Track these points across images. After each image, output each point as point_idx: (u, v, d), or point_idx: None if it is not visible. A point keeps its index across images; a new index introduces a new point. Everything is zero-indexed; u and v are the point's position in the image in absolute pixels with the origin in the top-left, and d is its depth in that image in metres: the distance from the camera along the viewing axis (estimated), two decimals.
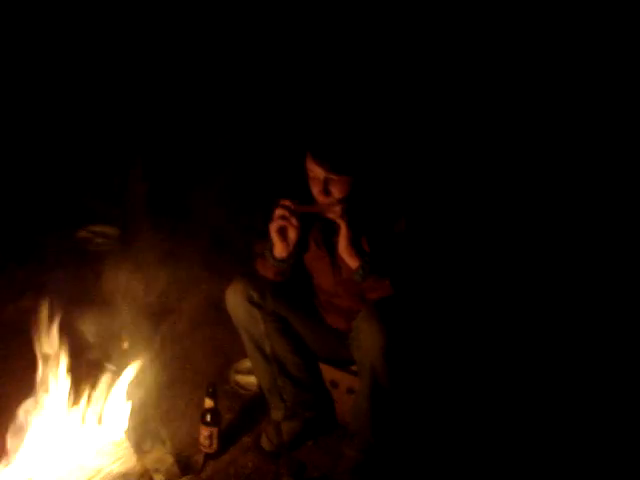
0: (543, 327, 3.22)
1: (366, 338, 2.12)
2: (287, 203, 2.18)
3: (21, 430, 2.00)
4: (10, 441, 1.98)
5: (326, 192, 2.15)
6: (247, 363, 2.74)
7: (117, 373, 2.50)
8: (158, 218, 4.03)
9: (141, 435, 2.33)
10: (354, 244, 2.16)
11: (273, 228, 2.22)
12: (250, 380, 2.75)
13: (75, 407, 2.13)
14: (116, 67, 4.27)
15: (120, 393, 2.30)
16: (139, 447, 2.23)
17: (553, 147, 4.06)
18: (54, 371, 2.10)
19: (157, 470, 2.16)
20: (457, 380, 2.77)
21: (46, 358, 2.09)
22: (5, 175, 4.04)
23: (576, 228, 3.81)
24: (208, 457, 2.34)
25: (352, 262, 2.18)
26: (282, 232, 2.22)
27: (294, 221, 2.18)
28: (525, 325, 3.21)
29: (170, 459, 2.25)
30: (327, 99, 4.11)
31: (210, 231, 4.00)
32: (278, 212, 2.18)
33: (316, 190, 2.17)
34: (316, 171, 2.13)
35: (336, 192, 2.15)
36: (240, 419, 2.58)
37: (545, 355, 3.04)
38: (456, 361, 2.84)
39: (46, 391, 2.07)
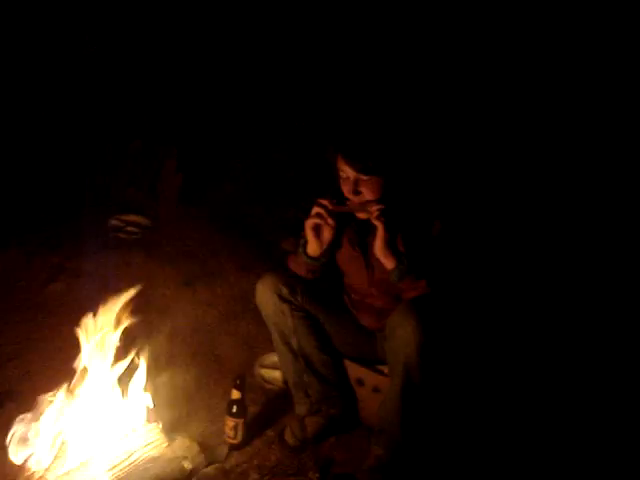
0: (561, 324, 3.21)
1: (402, 334, 2.12)
2: (325, 202, 2.20)
3: (54, 411, 2.05)
4: (45, 418, 2.03)
5: (356, 192, 2.17)
6: (272, 358, 2.77)
7: (148, 361, 2.57)
8: (190, 209, 4.09)
9: (169, 422, 2.37)
10: (390, 245, 2.18)
11: (309, 225, 2.24)
12: (275, 375, 2.77)
13: (109, 391, 2.17)
14: (153, 62, 4.32)
15: (152, 380, 2.34)
16: (167, 434, 2.26)
17: (574, 150, 4.05)
18: (89, 355, 2.14)
19: (185, 458, 2.19)
20: (484, 382, 2.77)
21: (85, 342, 2.13)
22: (42, 162, 4.12)
23: (595, 231, 3.79)
24: (232, 448, 2.37)
25: (388, 263, 2.19)
26: (317, 230, 2.25)
27: (330, 221, 2.21)
28: (552, 327, 3.20)
29: (196, 447, 2.28)
30: (357, 99, 4.13)
31: (241, 224, 4.06)
32: (315, 210, 2.21)
33: (346, 190, 2.20)
34: (347, 171, 2.16)
35: (366, 192, 2.17)
36: (264, 412, 2.60)
37: (565, 353, 3.04)
38: (484, 362, 2.84)
39: (82, 374, 2.11)
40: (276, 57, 4.43)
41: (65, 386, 2.07)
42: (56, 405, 2.01)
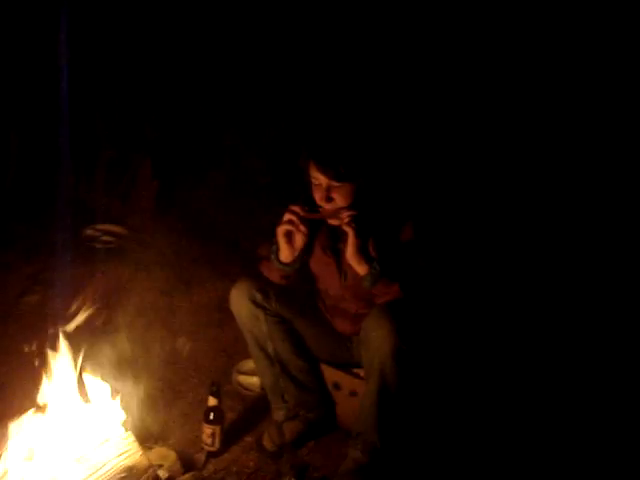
0: (547, 329, 3.24)
1: (376, 338, 2.14)
2: (296, 209, 2.21)
3: (26, 422, 2.03)
4: (15, 431, 2.01)
5: (329, 199, 2.19)
6: (250, 364, 2.77)
7: (121, 369, 2.56)
8: (165, 217, 4.08)
9: (145, 431, 2.37)
10: (362, 250, 2.19)
11: (280, 232, 2.25)
12: (252, 381, 2.78)
13: (81, 400, 2.16)
14: (127, 67, 4.30)
15: (125, 388, 2.34)
16: (143, 442, 2.25)
17: (555, 151, 4.08)
18: (61, 366, 2.13)
19: (161, 466, 2.19)
20: (461, 383, 2.79)
21: (53, 353, 2.12)
22: (15, 172, 4.08)
23: (582, 234, 3.83)
24: (210, 455, 2.37)
25: (360, 268, 2.20)
26: (289, 237, 2.26)
27: (302, 227, 2.22)
28: (530, 327, 3.23)
29: (173, 455, 2.28)
30: (329, 105, 4.14)
31: (217, 231, 4.06)
32: (286, 217, 2.22)
33: (318, 197, 2.21)
34: (319, 178, 2.17)
35: (339, 199, 2.19)
36: (242, 419, 2.60)
37: (549, 357, 3.06)
38: (461, 364, 2.86)
39: (52, 385, 2.10)
40: (249, 64, 4.43)
41: (35, 397, 2.05)
42: (25, 422, 1.99)
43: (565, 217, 3.93)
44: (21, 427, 2.00)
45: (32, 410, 2.03)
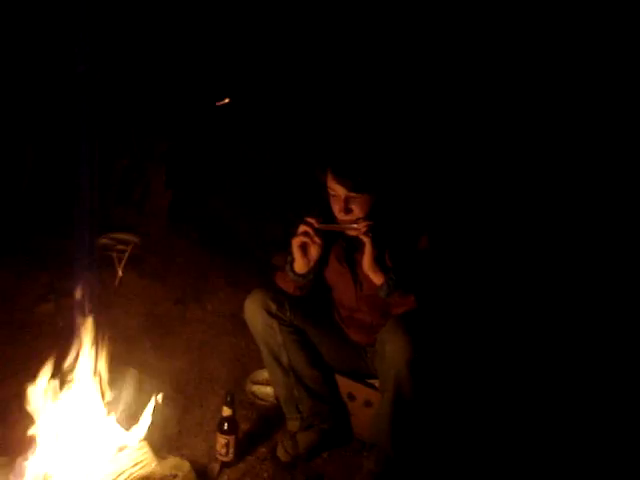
0: (561, 339, 3.23)
1: (392, 349, 2.14)
2: (311, 221, 2.22)
3: (43, 430, 2.04)
4: (31, 440, 2.02)
5: (347, 210, 2.19)
6: (264, 374, 2.78)
7: (138, 378, 2.57)
8: (179, 226, 4.09)
9: (159, 441, 2.37)
10: (378, 260, 2.19)
11: (295, 243, 2.26)
12: (266, 391, 2.78)
13: (97, 409, 2.16)
14: (142, 76, 4.33)
15: (140, 397, 2.34)
16: (157, 452, 2.26)
17: (575, 161, 4.07)
18: (77, 373, 2.14)
19: (175, 476, 2.18)
20: (476, 394, 2.78)
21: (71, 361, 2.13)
22: (30, 181, 4.11)
23: (596, 237, 3.82)
24: (224, 465, 2.36)
25: (377, 278, 2.21)
26: (304, 248, 2.26)
27: (317, 239, 2.22)
28: (543, 338, 3.22)
29: (187, 466, 2.27)
30: (348, 117, 4.15)
31: (230, 240, 4.06)
32: (302, 228, 2.23)
33: (337, 208, 2.21)
34: (337, 190, 2.18)
35: (357, 210, 2.19)
36: (256, 429, 2.60)
37: (562, 366, 3.06)
38: (475, 374, 2.85)
39: (69, 393, 2.11)
40: (266, 75, 4.45)
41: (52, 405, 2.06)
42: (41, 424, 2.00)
43: (578, 226, 3.92)
44: (38, 436, 2.01)
45: (49, 418, 2.04)
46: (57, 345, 2.19)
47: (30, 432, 2.02)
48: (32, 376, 2.40)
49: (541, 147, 4.13)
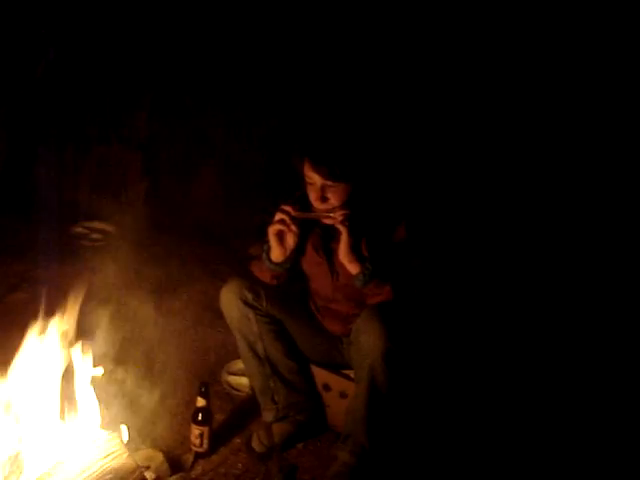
0: (542, 330, 3.24)
1: (367, 339, 2.14)
2: (287, 208, 2.20)
3: (12, 423, 2.00)
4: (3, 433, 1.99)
5: (323, 199, 2.17)
6: (239, 364, 2.76)
7: (110, 369, 2.53)
8: (154, 215, 4.05)
9: (132, 431, 2.34)
10: (354, 249, 2.18)
11: (272, 232, 2.24)
12: (242, 381, 2.76)
13: (67, 401, 2.13)
14: (118, 61, 4.25)
15: (113, 389, 2.31)
16: (130, 443, 2.23)
17: (550, 150, 4.07)
18: (47, 365, 2.10)
19: (148, 467, 2.16)
20: (453, 385, 2.78)
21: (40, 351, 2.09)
22: (3, 169, 4.04)
23: (575, 232, 3.83)
24: (198, 456, 2.35)
25: (353, 268, 2.20)
26: (280, 236, 2.24)
27: (293, 227, 2.21)
28: (524, 328, 3.23)
29: (160, 457, 2.26)
30: (325, 105, 4.12)
31: (208, 230, 4.03)
32: (278, 216, 2.21)
33: (313, 196, 2.20)
34: (313, 178, 2.16)
35: (333, 199, 2.17)
36: (231, 420, 2.58)
37: (544, 358, 3.07)
38: (452, 366, 2.85)
39: (38, 384, 2.07)
40: (242, 60, 4.40)
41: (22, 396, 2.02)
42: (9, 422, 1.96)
43: (558, 213, 3.93)
44: (5, 426, 1.97)
45: (17, 409, 2.00)
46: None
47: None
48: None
49: (528, 135, 4.11)
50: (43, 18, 3.82)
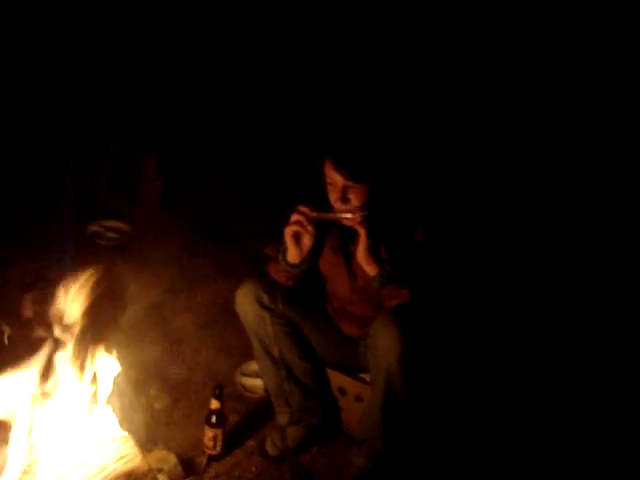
0: (557, 336, 3.21)
1: (384, 343, 2.11)
2: (304, 209, 2.17)
3: (25, 423, 1.99)
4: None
5: (344, 200, 2.15)
6: (253, 366, 2.73)
7: (123, 370, 2.51)
8: (171, 215, 4.04)
9: (145, 434, 2.32)
10: (373, 251, 2.15)
11: (288, 233, 2.21)
12: (256, 383, 2.74)
13: (80, 403, 2.11)
14: (135, 62, 4.26)
15: (127, 390, 2.29)
16: (143, 446, 2.21)
17: (573, 159, 4.04)
18: (60, 365, 2.09)
19: (161, 470, 2.14)
20: (467, 389, 2.74)
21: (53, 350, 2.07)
22: (17, 165, 4.05)
23: (597, 239, 3.79)
24: (212, 459, 2.33)
25: (370, 269, 2.17)
26: (297, 237, 2.21)
27: (310, 228, 2.18)
28: (539, 334, 3.19)
29: (173, 459, 2.24)
30: (348, 106, 4.10)
31: (223, 230, 4.02)
32: (294, 217, 2.18)
33: (334, 197, 2.17)
34: (335, 178, 2.13)
35: (354, 200, 2.15)
36: (245, 422, 2.56)
37: (555, 360, 3.04)
38: (467, 370, 2.82)
39: (51, 385, 2.05)
40: (260, 62, 4.39)
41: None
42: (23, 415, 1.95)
43: (574, 223, 3.90)
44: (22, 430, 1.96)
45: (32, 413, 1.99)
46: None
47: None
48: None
49: (540, 140, 4.10)
50: (64, 20, 3.83)
